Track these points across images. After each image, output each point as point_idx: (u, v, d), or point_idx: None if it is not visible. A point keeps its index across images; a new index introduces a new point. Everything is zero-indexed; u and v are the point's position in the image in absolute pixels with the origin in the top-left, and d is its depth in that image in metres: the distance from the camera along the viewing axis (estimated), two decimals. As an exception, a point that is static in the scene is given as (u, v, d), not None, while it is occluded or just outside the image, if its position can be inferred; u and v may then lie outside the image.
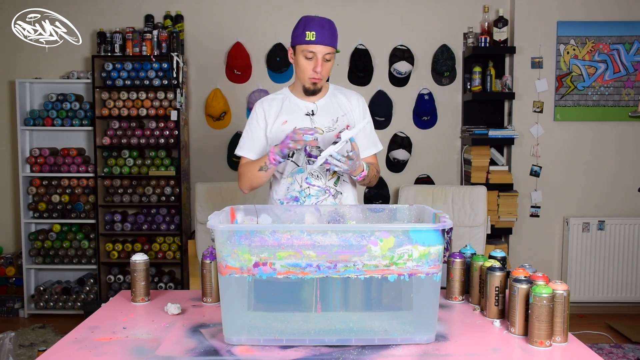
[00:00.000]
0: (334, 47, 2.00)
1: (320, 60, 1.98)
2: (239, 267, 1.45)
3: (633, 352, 3.39)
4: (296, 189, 2.07)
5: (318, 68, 1.98)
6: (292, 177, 2.07)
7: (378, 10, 4.16)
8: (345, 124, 2.07)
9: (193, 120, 4.22)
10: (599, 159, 4.15)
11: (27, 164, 4.06)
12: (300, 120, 2.05)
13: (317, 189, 2.06)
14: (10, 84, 4.20)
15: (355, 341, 1.48)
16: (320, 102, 2.09)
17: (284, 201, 2.08)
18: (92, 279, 4.13)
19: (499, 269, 1.67)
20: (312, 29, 1.96)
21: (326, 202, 2.05)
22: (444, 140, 4.22)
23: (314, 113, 2.07)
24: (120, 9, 4.15)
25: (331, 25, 2.01)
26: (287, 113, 2.08)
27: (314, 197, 2.05)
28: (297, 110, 2.08)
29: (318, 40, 1.96)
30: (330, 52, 1.99)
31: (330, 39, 1.98)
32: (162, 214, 4.03)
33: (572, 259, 4.09)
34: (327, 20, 2.02)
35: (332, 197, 2.07)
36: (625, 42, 4.07)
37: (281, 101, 2.11)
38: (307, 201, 2.05)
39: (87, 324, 1.65)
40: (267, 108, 2.10)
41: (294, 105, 2.09)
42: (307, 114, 2.07)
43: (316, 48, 1.97)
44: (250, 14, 4.17)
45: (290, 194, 2.07)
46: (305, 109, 2.08)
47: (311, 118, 2.06)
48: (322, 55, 1.98)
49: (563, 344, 1.49)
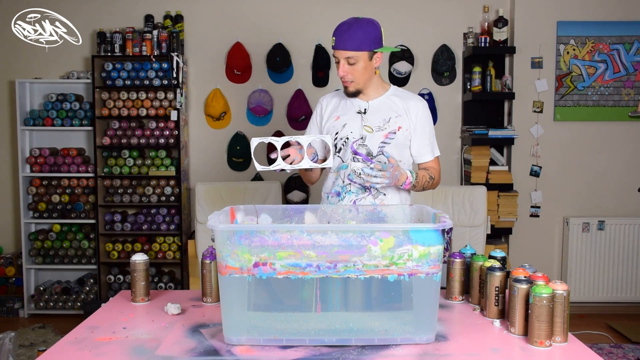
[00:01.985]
0: (355, 49, 1.98)
1: (341, 64, 2.01)
2: (239, 267, 1.45)
3: (633, 352, 3.39)
4: (339, 184, 2.11)
5: (340, 72, 2.02)
6: (337, 172, 2.12)
7: (378, 10, 4.15)
8: (398, 126, 2.08)
9: (193, 120, 4.22)
10: (599, 159, 4.14)
11: (27, 164, 4.06)
12: (352, 117, 2.10)
13: (358, 186, 2.08)
14: (10, 84, 4.20)
15: (355, 341, 1.48)
16: (373, 102, 2.12)
17: (329, 195, 2.15)
18: (92, 279, 4.13)
19: (499, 269, 1.67)
20: (334, 34, 2.01)
21: (365, 200, 2.07)
22: (444, 140, 4.21)
23: (366, 112, 2.10)
24: (120, 9, 4.15)
25: (358, 27, 1.99)
26: (341, 110, 2.14)
27: (353, 194, 2.08)
28: (351, 107, 2.12)
29: (336, 45, 2.00)
30: (352, 55, 1.99)
31: (349, 43, 1.98)
32: (162, 214, 4.03)
33: (572, 259, 4.09)
34: (354, 21, 2.01)
35: (372, 196, 2.08)
36: (625, 42, 4.07)
37: (340, 98, 2.17)
38: (347, 197, 2.09)
39: (87, 324, 1.65)
40: (325, 104, 2.20)
41: (349, 102, 2.13)
42: (358, 112, 2.10)
43: (337, 53, 2.01)
44: (250, 14, 4.17)
45: (334, 189, 2.13)
46: (357, 107, 2.11)
47: (362, 116, 2.09)
48: (343, 59, 2.00)
49: (563, 344, 1.49)
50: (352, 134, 2.08)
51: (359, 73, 2.03)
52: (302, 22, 4.16)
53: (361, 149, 2.07)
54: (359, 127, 2.08)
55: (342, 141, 2.09)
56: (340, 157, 2.11)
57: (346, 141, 2.09)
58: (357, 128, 2.08)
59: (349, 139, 2.08)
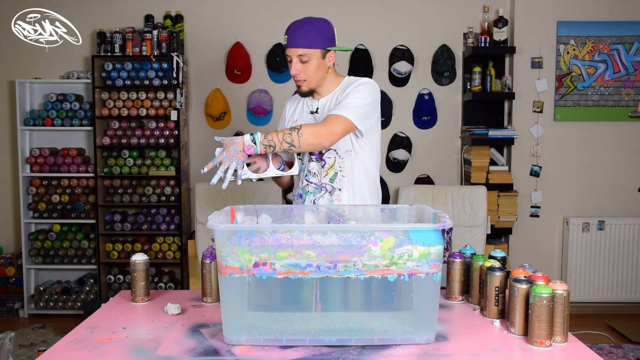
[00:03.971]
0: (308, 47, 1.94)
1: (293, 63, 1.97)
2: (239, 267, 1.45)
3: (633, 352, 3.39)
4: (300, 186, 2.10)
5: (292, 71, 1.98)
6: (299, 175, 2.11)
7: (378, 10, 4.16)
8: None
9: (193, 120, 4.22)
10: (599, 159, 4.14)
11: (27, 164, 4.06)
12: (306, 119, 2.09)
13: (314, 186, 2.06)
14: (10, 84, 4.20)
15: (355, 341, 1.48)
16: (322, 100, 2.08)
17: (295, 198, 2.14)
18: (92, 279, 4.13)
19: (499, 269, 1.67)
20: (286, 32, 1.97)
21: (322, 199, 2.05)
22: (444, 140, 4.22)
23: (317, 111, 2.08)
24: (120, 9, 4.15)
25: (309, 25, 1.96)
26: (299, 112, 2.13)
27: (311, 194, 2.07)
28: (306, 109, 2.11)
29: (288, 43, 1.96)
30: (304, 53, 1.94)
31: (301, 40, 1.94)
32: (162, 214, 4.03)
33: (572, 259, 4.09)
34: (307, 20, 1.98)
35: (329, 193, 2.05)
36: (625, 42, 4.07)
37: (299, 100, 2.15)
38: (307, 197, 2.07)
39: (87, 324, 1.65)
40: (288, 107, 2.19)
41: (305, 104, 2.12)
42: (311, 112, 2.09)
43: (289, 51, 1.97)
44: (250, 14, 4.17)
45: (297, 191, 2.13)
46: (310, 108, 2.10)
47: (315, 116, 2.08)
48: (295, 57, 1.96)
49: (563, 344, 1.49)
50: None
51: (312, 72, 1.98)
52: (302, 22, 4.15)
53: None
54: None
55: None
56: (300, 159, 2.09)
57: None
58: None
59: None
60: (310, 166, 2.06)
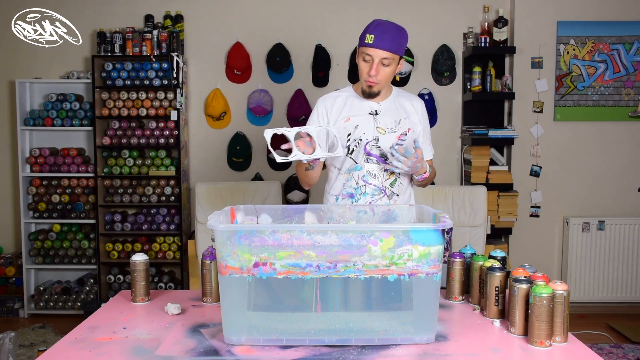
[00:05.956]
0: (394, 52, 1.97)
1: (376, 64, 1.97)
2: (239, 267, 1.45)
3: (633, 352, 3.39)
4: (352, 186, 2.08)
5: (372, 71, 1.98)
6: (349, 174, 2.09)
7: (378, 10, 4.16)
8: (407, 127, 2.09)
9: (193, 120, 4.22)
10: (599, 159, 4.14)
11: (27, 164, 4.06)
12: (364, 118, 2.08)
13: (374, 187, 2.07)
14: (10, 84, 4.20)
15: (355, 341, 1.48)
16: (384, 103, 2.10)
17: (339, 197, 2.11)
18: (92, 279, 4.13)
19: (499, 269, 1.67)
20: (372, 32, 1.96)
21: (380, 201, 2.07)
22: (444, 140, 4.22)
23: (377, 113, 2.08)
24: (120, 9, 4.15)
25: (397, 31, 1.99)
26: (350, 110, 2.10)
27: (369, 195, 2.07)
28: (361, 108, 2.10)
29: (375, 43, 1.95)
30: (389, 57, 1.97)
31: (390, 44, 1.96)
32: (162, 214, 4.03)
33: (572, 259, 4.09)
34: (395, 26, 2.00)
35: (387, 197, 2.08)
36: (625, 42, 4.07)
37: (345, 99, 2.13)
38: (362, 199, 2.07)
39: (87, 324, 1.65)
40: (329, 105, 2.13)
41: (357, 103, 2.11)
42: (370, 113, 2.09)
43: (372, 51, 1.96)
44: (250, 14, 4.17)
45: (346, 190, 2.10)
46: (369, 108, 2.09)
47: (374, 117, 2.08)
48: (379, 59, 1.97)
49: (563, 344, 1.49)
50: (364, 135, 2.06)
51: (388, 76, 2.02)
52: (302, 22, 4.16)
53: (374, 150, 2.06)
54: (372, 128, 2.07)
55: (355, 142, 2.07)
56: (353, 158, 2.09)
57: (359, 142, 2.06)
58: (370, 129, 2.07)
59: (362, 140, 2.06)
60: (369, 167, 2.06)
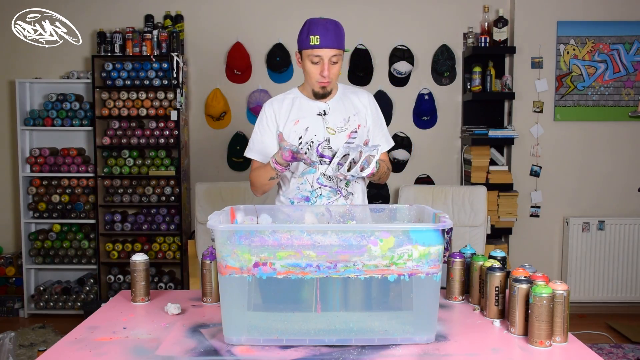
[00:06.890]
0: (340, 48, 1.97)
1: (326, 64, 1.96)
2: (239, 267, 1.45)
3: (633, 352, 3.39)
4: (307, 189, 2.06)
5: (325, 72, 1.96)
6: (302, 177, 2.06)
7: (378, 10, 4.16)
8: (357, 124, 2.07)
9: (193, 120, 4.22)
10: (599, 159, 4.14)
11: (27, 164, 4.06)
12: (313, 120, 2.05)
13: (329, 189, 2.05)
14: (10, 84, 4.20)
15: (355, 341, 1.48)
16: (331, 102, 2.08)
17: (295, 201, 2.07)
18: (92, 279, 4.12)
19: (499, 269, 1.67)
20: (316, 33, 1.94)
21: (337, 202, 2.05)
22: (444, 140, 4.22)
23: (326, 113, 2.06)
24: (120, 9, 4.15)
25: (336, 26, 1.98)
26: (298, 113, 2.06)
27: (325, 197, 2.05)
28: (309, 109, 2.07)
29: (322, 44, 1.93)
30: (337, 54, 1.96)
31: (336, 41, 1.95)
32: (162, 214, 4.03)
33: (572, 259, 4.08)
34: (331, 21, 1.99)
35: (344, 197, 2.07)
36: (625, 42, 4.07)
37: (292, 101, 2.09)
38: (319, 201, 2.04)
39: (87, 324, 1.65)
40: (277, 108, 2.09)
41: (305, 105, 2.08)
42: (319, 114, 2.06)
43: (321, 52, 1.95)
44: (250, 14, 4.17)
45: (301, 194, 2.07)
46: (317, 109, 2.07)
47: (323, 118, 2.06)
48: (328, 58, 1.95)
49: (563, 344, 1.49)
50: (315, 137, 2.03)
51: (337, 73, 2.01)
52: (302, 22, 4.14)
53: (327, 151, 2.02)
54: (322, 129, 2.04)
55: (307, 145, 2.03)
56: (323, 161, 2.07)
57: (311, 145, 2.03)
58: (321, 130, 2.04)
59: (314, 143, 2.03)
60: (323, 169, 2.03)
